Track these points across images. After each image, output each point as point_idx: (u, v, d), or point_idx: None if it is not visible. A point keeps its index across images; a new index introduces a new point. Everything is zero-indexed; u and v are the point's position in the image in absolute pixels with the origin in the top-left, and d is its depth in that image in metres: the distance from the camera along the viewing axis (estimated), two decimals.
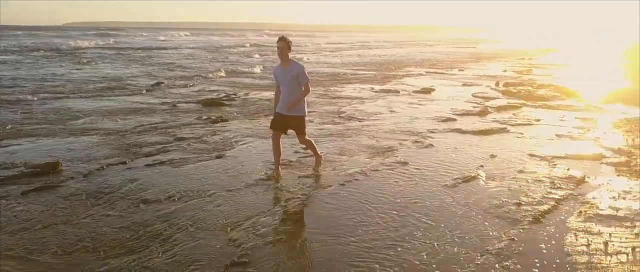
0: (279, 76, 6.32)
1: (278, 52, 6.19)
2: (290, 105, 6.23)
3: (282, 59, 6.22)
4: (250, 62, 28.09)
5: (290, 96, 6.23)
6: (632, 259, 4.04)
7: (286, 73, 6.21)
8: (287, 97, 6.25)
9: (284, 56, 6.16)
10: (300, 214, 5.17)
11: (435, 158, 7.38)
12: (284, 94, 6.29)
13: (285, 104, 6.28)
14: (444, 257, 4.13)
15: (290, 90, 6.23)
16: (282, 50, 6.11)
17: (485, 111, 11.71)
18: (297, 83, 6.19)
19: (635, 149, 7.68)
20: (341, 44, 59.17)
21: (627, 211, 5.08)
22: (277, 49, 6.19)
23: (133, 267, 3.96)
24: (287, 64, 6.23)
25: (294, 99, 6.21)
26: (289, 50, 6.15)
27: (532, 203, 5.37)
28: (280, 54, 6.16)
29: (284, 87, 6.28)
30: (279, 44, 6.13)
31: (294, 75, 6.16)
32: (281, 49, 6.12)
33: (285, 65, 6.23)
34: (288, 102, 6.22)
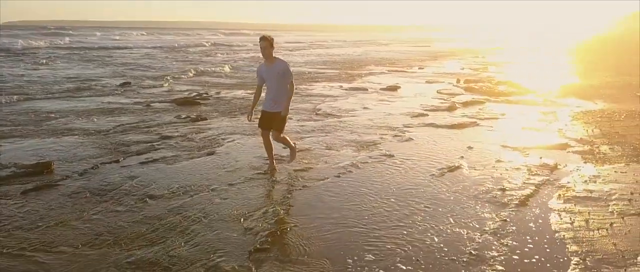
0: (265, 74, 6.40)
1: (261, 51, 6.24)
2: (285, 109, 6.36)
3: (266, 57, 6.29)
4: (213, 61, 27.98)
5: (278, 93, 6.36)
6: (611, 233, 4.55)
7: (272, 70, 6.30)
8: (275, 94, 6.38)
9: (268, 54, 6.22)
10: (306, 204, 5.44)
11: (418, 150, 7.81)
12: (271, 91, 6.42)
13: (273, 103, 6.41)
14: (448, 237, 4.52)
15: (277, 87, 6.35)
16: (265, 49, 6.16)
17: (453, 107, 12.31)
18: (283, 79, 6.33)
19: (595, 139, 8.37)
20: (299, 43, 59.43)
21: (600, 193, 5.64)
22: (261, 48, 6.24)
23: (160, 256, 4.14)
24: (272, 62, 6.31)
25: (286, 99, 6.33)
26: (272, 48, 6.21)
27: (515, 188, 5.86)
28: (264, 52, 6.22)
29: (270, 84, 6.40)
30: (262, 43, 6.19)
31: (279, 72, 6.27)
32: (264, 48, 6.17)
33: (270, 63, 6.32)
34: (284, 105, 6.33)
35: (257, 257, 4.13)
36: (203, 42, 53.16)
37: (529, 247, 4.29)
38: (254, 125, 9.69)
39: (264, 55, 6.30)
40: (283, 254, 4.19)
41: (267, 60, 6.34)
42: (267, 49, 6.19)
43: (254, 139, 8.62)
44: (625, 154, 7.26)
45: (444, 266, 3.98)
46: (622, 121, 9.73)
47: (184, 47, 43.58)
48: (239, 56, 33.92)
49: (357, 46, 54.77)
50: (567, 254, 4.17)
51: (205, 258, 4.12)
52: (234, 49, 43.73)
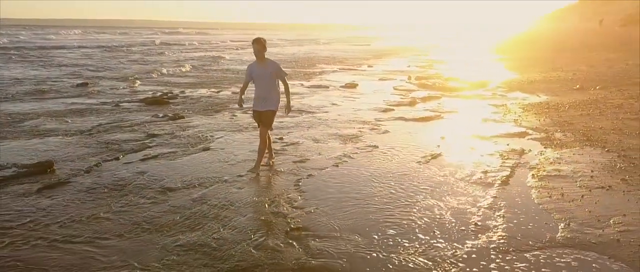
0: (255, 73, 6.63)
1: (255, 52, 6.49)
2: (287, 107, 6.80)
3: (259, 58, 6.53)
4: (166, 60, 27.62)
5: (269, 92, 6.67)
6: (584, 203, 5.39)
7: (264, 70, 6.57)
8: (265, 94, 6.66)
9: (261, 56, 6.49)
10: (318, 189, 5.95)
11: (397, 141, 8.51)
12: (261, 91, 6.68)
13: (264, 102, 6.69)
14: (452, 211, 5.20)
15: (269, 87, 6.64)
16: (260, 52, 6.45)
17: (414, 102, 13.17)
18: (274, 80, 6.64)
19: (549, 127, 9.40)
20: (241, 42, 59.18)
21: (566, 172, 6.54)
22: (255, 49, 6.48)
23: (204, 240, 4.55)
24: (264, 62, 6.58)
25: (277, 98, 6.71)
26: (265, 50, 6.53)
27: (494, 171, 6.66)
28: (258, 54, 6.48)
29: (261, 83, 6.64)
30: (257, 45, 6.47)
31: (272, 72, 6.57)
32: (259, 51, 6.45)
33: (261, 64, 6.58)
34: (274, 104, 6.72)
35: (294, 235, 4.63)
36: (147, 41, 51.81)
37: (521, 218, 5.04)
38: (238, 122, 10.14)
39: (257, 57, 6.54)
40: (317, 231, 4.71)
41: (259, 60, 6.58)
42: (261, 51, 6.47)
43: (240, 135, 9.02)
44: (577, 140, 8.28)
45: (457, 234, 4.64)
46: (567, 111, 10.90)
47: (128, 47, 42.39)
48: (190, 55, 33.55)
49: (299, 45, 55.26)
50: (553, 220, 4.96)
51: (248, 238, 4.57)
52: (186, 48, 42.99)
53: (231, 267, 4.05)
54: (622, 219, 4.90)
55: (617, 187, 5.85)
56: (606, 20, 73.72)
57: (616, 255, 4.20)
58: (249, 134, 9.06)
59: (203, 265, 4.08)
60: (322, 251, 4.30)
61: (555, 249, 4.35)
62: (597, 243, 4.42)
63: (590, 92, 13.63)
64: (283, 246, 4.41)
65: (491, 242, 4.48)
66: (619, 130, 8.69)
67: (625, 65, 19.43)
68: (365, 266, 4.04)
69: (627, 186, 5.87)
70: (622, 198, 5.49)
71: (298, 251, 4.32)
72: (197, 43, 51.06)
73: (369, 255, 4.23)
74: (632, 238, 4.49)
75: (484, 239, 4.53)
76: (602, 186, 5.91)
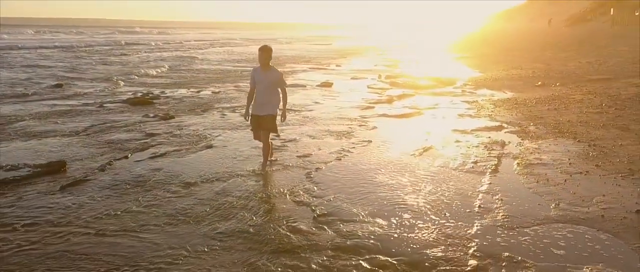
0: (258, 78, 6.83)
1: (261, 59, 6.70)
2: (283, 115, 7.02)
3: (263, 65, 6.75)
4: (129, 62, 27.35)
5: (269, 98, 6.86)
6: (568, 186, 6.11)
7: (267, 77, 6.77)
8: (265, 99, 6.84)
9: (266, 63, 6.71)
10: (329, 180, 6.44)
11: (387, 136, 9.10)
12: (261, 96, 6.85)
13: (263, 107, 6.86)
14: (455, 197, 5.81)
15: (269, 94, 6.84)
16: (266, 59, 6.69)
17: (391, 99, 13.84)
18: (275, 87, 6.86)
19: (521, 121, 10.22)
20: (201, 41, 58.76)
21: (547, 160, 7.28)
22: (260, 57, 6.70)
23: (241, 227, 4.98)
24: (268, 69, 6.78)
25: (278, 105, 6.97)
26: (270, 59, 6.77)
27: (483, 161, 7.33)
28: (265, 62, 6.70)
29: (262, 89, 6.82)
30: (264, 54, 6.65)
31: (273, 80, 6.79)
32: (265, 58, 6.68)
33: (265, 70, 6.77)
34: (275, 111, 6.96)
35: (322, 220, 5.12)
36: (109, 41, 50.65)
37: (517, 200, 5.70)
38: (230, 121, 10.50)
39: (262, 64, 6.76)
40: (342, 217, 5.21)
41: (263, 67, 6.79)
42: (267, 59, 6.71)
43: (237, 133, 9.41)
44: (550, 132, 9.11)
45: (465, 216, 5.25)
46: (535, 106, 11.81)
47: (90, 47, 41.43)
48: (159, 55, 33.18)
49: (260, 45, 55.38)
50: (544, 201, 5.64)
51: (281, 224, 5.02)
52: (152, 48, 42.34)
53: (274, 248, 4.50)
54: (602, 199, 5.63)
55: (593, 172, 6.62)
56: (554, 20, 77.33)
57: (602, 228, 4.90)
58: (246, 132, 9.42)
59: (248, 248, 4.51)
60: (352, 233, 4.80)
61: (550, 224, 5.01)
62: (585, 219, 5.12)
63: (552, 88, 14.67)
64: (315, 229, 4.90)
65: (496, 221, 5.11)
66: (585, 122, 9.59)
67: (578, 63, 20.81)
68: (393, 244, 4.57)
69: (602, 170, 6.65)
70: (599, 181, 6.26)
71: (330, 233, 4.81)
72: (161, 43, 50.38)
73: (392, 235, 4.77)
74: (613, 214, 5.21)
75: (489, 219, 5.15)
76: (580, 171, 6.67)
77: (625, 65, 18.42)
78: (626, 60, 19.36)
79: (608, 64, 19.13)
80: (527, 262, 4.20)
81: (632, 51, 22.21)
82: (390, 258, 4.28)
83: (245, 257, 4.34)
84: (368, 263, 4.20)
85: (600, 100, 11.81)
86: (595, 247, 4.53)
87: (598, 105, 11.26)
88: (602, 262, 4.22)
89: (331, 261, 4.26)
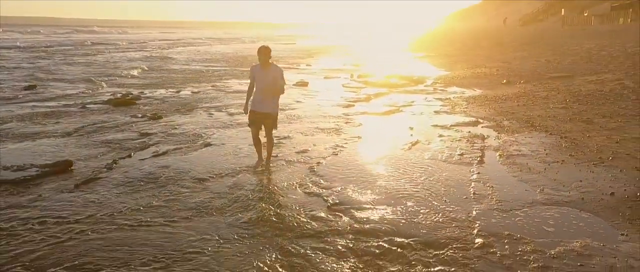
0: (259, 77, 6.99)
1: (261, 58, 6.88)
2: (269, 106, 7.11)
3: (263, 63, 6.91)
4: (96, 62, 26.96)
5: (268, 95, 6.99)
6: (548, 173, 6.77)
7: (267, 74, 6.92)
8: (264, 96, 6.99)
9: (266, 60, 6.89)
10: (332, 172, 6.89)
11: (376, 132, 9.64)
12: (261, 93, 6.99)
13: (262, 104, 7.02)
14: (451, 185, 6.38)
15: (269, 91, 6.97)
16: (267, 58, 6.88)
17: (369, 98, 14.40)
18: (275, 83, 6.92)
19: (495, 116, 10.95)
20: (165, 41, 57.99)
21: (525, 151, 7.96)
22: (262, 55, 6.86)
23: (263, 216, 5.38)
24: (268, 67, 6.96)
25: (275, 100, 7.16)
26: (269, 57, 6.91)
27: (468, 153, 7.95)
28: (264, 60, 6.88)
29: (261, 86, 6.96)
30: (262, 56, 6.87)
31: (274, 76, 6.92)
32: (266, 56, 6.87)
33: (266, 68, 6.94)
34: (273, 107, 7.14)
35: (336, 209, 5.57)
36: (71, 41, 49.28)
37: (506, 187, 6.31)
38: (221, 120, 10.80)
39: (262, 62, 6.94)
40: (353, 205, 5.68)
41: (263, 65, 6.96)
42: (267, 57, 6.95)
43: (230, 131, 9.75)
44: (523, 126, 9.85)
45: (462, 202, 5.81)
46: (505, 103, 12.61)
47: (53, 46, 40.30)
48: (130, 55, 32.64)
49: (225, 44, 55.25)
50: (530, 187, 6.27)
51: (299, 213, 5.45)
52: (120, 48, 41.52)
53: (299, 234, 4.92)
54: (580, 184, 6.32)
55: (568, 161, 7.33)
56: (509, 20, 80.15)
57: (584, 208, 5.56)
58: (239, 130, 9.79)
59: (275, 235, 4.92)
60: (367, 219, 5.28)
61: (538, 206, 5.63)
62: (568, 201, 5.77)
63: (517, 86, 15.59)
64: (332, 217, 5.35)
65: (491, 205, 5.69)
66: (554, 117, 10.40)
67: (537, 61, 21.96)
68: (405, 227, 5.08)
69: (575, 159, 7.37)
70: (575, 169, 6.96)
71: (346, 220, 5.27)
72: (126, 42, 49.48)
73: (402, 220, 5.28)
74: (592, 196, 5.88)
75: (485, 203, 5.73)
76: (556, 160, 7.37)
77: (580, 63, 19.61)
78: (581, 59, 20.58)
79: (565, 62, 20.31)
80: (525, 239, 4.78)
81: (584, 50, 23.56)
82: (406, 239, 4.78)
83: (275, 242, 4.75)
84: (387, 243, 4.69)
85: (563, 96, 12.72)
86: (579, 224, 5.16)
87: (562, 101, 12.15)
88: (588, 237, 4.84)
89: (354, 243, 4.73)
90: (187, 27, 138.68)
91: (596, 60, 19.39)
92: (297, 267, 4.27)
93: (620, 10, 48.57)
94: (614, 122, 9.48)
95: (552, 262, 4.33)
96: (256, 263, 4.34)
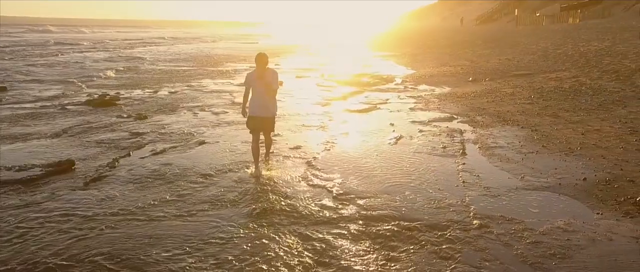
0: (255, 82, 7.05)
1: (258, 63, 6.95)
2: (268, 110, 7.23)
3: (261, 69, 6.98)
4: (60, 62, 26.41)
5: (267, 100, 7.11)
6: (526, 162, 7.44)
7: (265, 79, 6.99)
8: (263, 101, 7.09)
9: (263, 66, 6.98)
10: (330, 165, 7.34)
11: (361, 128, 10.14)
12: (259, 98, 7.09)
13: (262, 109, 7.11)
14: (441, 175, 6.94)
15: (266, 95, 7.09)
16: (265, 64, 7.01)
17: (345, 96, 14.92)
18: (272, 87, 7.07)
19: (468, 112, 11.66)
20: (128, 41, 56.79)
21: (502, 143, 8.63)
22: (260, 62, 6.94)
23: (275, 207, 5.77)
24: (265, 72, 7.01)
25: (276, 105, 7.32)
26: (266, 64, 7.04)
27: (451, 146, 8.56)
28: (263, 66, 6.97)
29: (260, 90, 7.05)
30: (261, 59, 6.96)
31: (270, 80, 7.03)
32: (265, 63, 6.99)
33: (263, 73, 6.99)
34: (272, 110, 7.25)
35: (342, 198, 6.02)
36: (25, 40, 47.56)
37: (491, 175, 6.93)
38: (208, 119, 11.07)
39: (260, 68, 6.99)
40: (356, 195, 6.15)
41: (260, 70, 6.99)
42: (266, 63, 7.08)
43: (221, 129, 10.07)
44: (496, 121, 10.57)
45: (454, 190, 6.37)
46: (475, 99, 13.38)
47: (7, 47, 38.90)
48: (99, 56, 31.90)
49: (186, 43, 54.58)
50: (512, 175, 6.91)
51: (309, 203, 5.88)
52: (85, 48, 40.41)
53: (314, 221, 5.36)
54: (555, 171, 7.00)
55: (542, 151, 8.04)
56: (465, 19, 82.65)
57: (562, 192, 6.22)
58: (228, 128, 10.11)
59: (291, 223, 5.33)
60: (372, 206, 5.77)
61: (522, 191, 6.26)
62: (547, 186, 6.43)
63: (483, 83, 16.46)
64: (341, 205, 5.80)
65: (480, 191, 6.28)
66: (522, 112, 11.20)
67: (498, 60, 23.06)
68: (409, 213, 5.59)
69: (548, 150, 8.09)
70: (549, 158, 7.66)
71: (354, 208, 5.73)
72: (89, 42, 48.24)
73: (404, 207, 5.78)
74: (567, 182, 6.56)
75: (475, 191, 6.32)
76: (531, 151, 8.06)
77: (538, 61, 20.77)
78: (538, 57, 21.78)
79: (524, 60, 21.46)
80: (516, 219, 5.38)
81: (540, 49, 24.88)
82: (412, 223, 5.29)
83: (293, 229, 5.16)
84: (396, 227, 5.19)
85: (528, 93, 13.60)
86: (560, 206, 5.80)
87: (528, 97, 13.01)
88: (569, 216, 5.48)
89: (365, 227, 5.20)
90: (143, 26, 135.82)
91: (553, 59, 20.58)
92: (320, 250, 4.69)
93: (569, 11, 51.12)
94: (577, 116, 10.33)
95: (542, 238, 4.93)
96: (281, 247, 4.74)
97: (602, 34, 28.28)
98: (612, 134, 8.75)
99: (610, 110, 10.64)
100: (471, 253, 4.62)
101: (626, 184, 6.31)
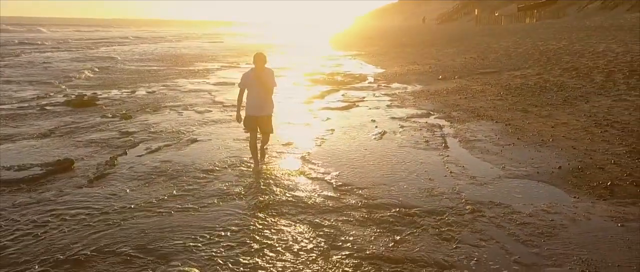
0: (252, 81, 7.09)
1: (257, 63, 6.99)
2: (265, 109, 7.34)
3: (259, 69, 7.02)
4: (19, 63, 25.77)
5: (264, 99, 7.20)
6: (505, 153, 8.03)
7: (261, 78, 7.04)
8: (260, 101, 7.17)
9: (262, 66, 7.03)
10: (325, 160, 7.73)
11: (344, 125, 10.56)
12: (257, 98, 7.16)
13: (259, 109, 7.20)
14: (429, 166, 7.44)
15: (263, 95, 7.17)
16: (263, 64, 7.05)
17: (323, 95, 15.32)
18: (268, 86, 7.14)
19: (444, 109, 12.26)
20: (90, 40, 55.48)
21: (480, 137, 9.23)
22: (258, 62, 6.98)
23: (281, 199, 6.13)
24: (263, 71, 7.07)
25: (273, 104, 7.43)
26: (265, 63, 7.09)
27: (433, 140, 9.09)
28: (261, 66, 7.02)
29: (257, 89, 7.11)
30: (259, 58, 6.99)
31: (267, 80, 7.10)
32: (262, 63, 7.01)
33: (261, 73, 7.04)
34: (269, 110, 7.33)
35: (342, 189, 6.43)
36: None
37: (474, 167, 7.47)
38: (194, 118, 11.27)
39: (258, 68, 7.04)
40: (355, 185, 6.57)
41: (258, 70, 7.04)
42: (265, 62, 7.14)
43: (211, 128, 10.32)
44: (470, 116, 11.20)
45: (444, 179, 6.88)
46: (448, 96, 14.03)
47: None
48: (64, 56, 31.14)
49: (153, 43, 53.83)
50: (494, 165, 7.47)
51: (313, 195, 6.26)
52: (47, 47, 39.22)
53: (321, 210, 5.74)
54: (532, 161, 7.61)
55: (518, 143, 8.66)
56: (426, 19, 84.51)
57: (540, 179, 6.81)
58: (217, 126, 10.36)
59: (299, 212, 5.70)
60: (372, 196, 6.20)
61: (505, 179, 6.82)
62: (527, 175, 7.01)
63: (453, 81, 17.18)
64: (342, 196, 6.21)
65: (468, 181, 6.80)
66: (494, 108, 11.88)
67: (464, 58, 23.97)
68: (407, 201, 6.04)
69: (523, 142, 8.72)
70: (525, 149, 8.28)
71: (355, 197, 6.15)
72: (53, 42, 46.90)
73: (401, 196, 6.23)
74: (544, 170, 7.17)
75: (463, 180, 6.84)
76: (508, 143, 8.68)
77: (502, 59, 21.75)
78: (502, 55, 22.79)
79: (489, 59, 22.40)
80: (504, 204, 5.92)
81: (502, 48, 25.97)
82: (410, 209, 5.75)
83: (302, 218, 5.53)
84: (397, 213, 5.64)
85: (497, 90, 14.35)
86: (539, 192, 6.38)
87: (497, 93, 13.74)
88: (549, 200, 6.05)
89: (369, 214, 5.62)
90: (104, 26, 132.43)
91: (515, 57, 21.59)
92: (331, 235, 5.09)
93: (526, 11, 53.15)
94: (545, 111, 11.07)
95: (529, 219, 5.47)
96: (295, 234, 5.11)
97: (558, 33, 29.73)
98: (579, 126, 9.48)
99: (575, 105, 11.44)
100: (469, 234, 5.11)
101: (597, 171, 6.97)
